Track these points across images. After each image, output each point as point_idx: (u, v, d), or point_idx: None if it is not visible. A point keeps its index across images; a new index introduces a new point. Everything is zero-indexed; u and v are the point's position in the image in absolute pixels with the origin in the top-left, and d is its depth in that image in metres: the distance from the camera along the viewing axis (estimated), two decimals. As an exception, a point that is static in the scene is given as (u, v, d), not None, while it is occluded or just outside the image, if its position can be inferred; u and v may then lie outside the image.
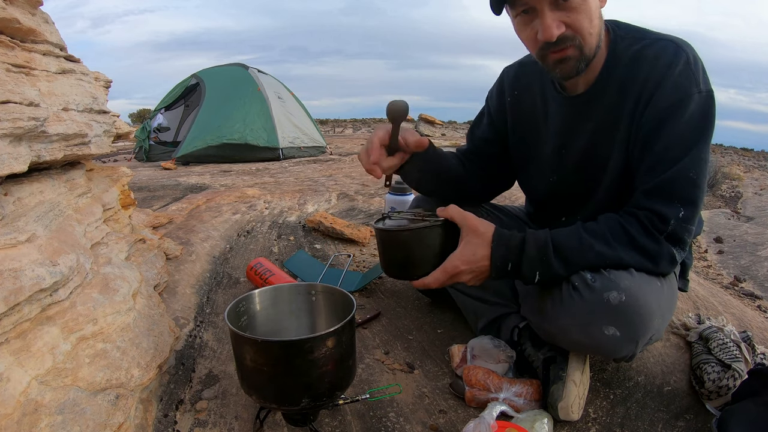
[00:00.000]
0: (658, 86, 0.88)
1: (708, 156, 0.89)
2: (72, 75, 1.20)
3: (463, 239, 0.93)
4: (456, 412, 0.96)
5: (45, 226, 0.91)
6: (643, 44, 0.92)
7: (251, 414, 0.93)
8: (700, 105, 0.87)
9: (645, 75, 0.90)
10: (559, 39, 0.87)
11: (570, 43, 0.88)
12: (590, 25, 0.88)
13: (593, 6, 0.87)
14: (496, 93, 1.20)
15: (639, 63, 0.91)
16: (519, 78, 1.14)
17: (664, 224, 0.86)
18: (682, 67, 0.87)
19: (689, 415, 0.99)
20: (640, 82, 0.90)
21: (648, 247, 0.87)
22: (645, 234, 0.87)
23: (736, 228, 2.93)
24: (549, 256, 0.89)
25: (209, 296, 1.48)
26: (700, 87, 0.87)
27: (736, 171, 7.33)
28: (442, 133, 9.71)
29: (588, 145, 1.01)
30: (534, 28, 0.88)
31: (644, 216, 0.87)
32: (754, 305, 1.67)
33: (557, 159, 1.07)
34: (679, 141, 0.87)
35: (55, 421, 0.68)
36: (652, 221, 0.87)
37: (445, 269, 0.93)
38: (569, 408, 0.90)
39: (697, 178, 0.87)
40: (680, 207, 0.86)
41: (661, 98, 0.88)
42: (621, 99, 0.94)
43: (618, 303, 0.84)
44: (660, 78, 0.88)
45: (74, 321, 0.82)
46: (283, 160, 5.16)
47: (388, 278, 1.64)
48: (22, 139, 0.87)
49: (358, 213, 2.66)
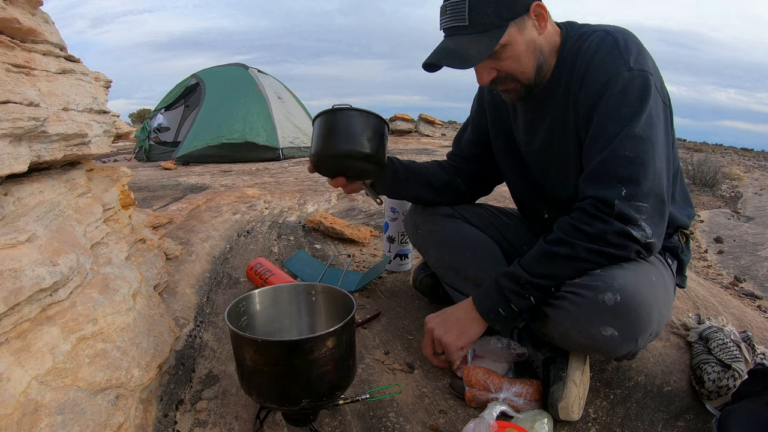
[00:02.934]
0: (586, 72, 0.93)
1: (649, 132, 0.87)
2: (72, 75, 1.20)
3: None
4: (456, 412, 0.96)
5: (45, 226, 0.91)
6: (582, 40, 0.97)
7: (251, 414, 0.93)
8: (631, 82, 0.88)
9: (578, 66, 0.96)
10: (494, 80, 0.98)
11: (506, 81, 0.99)
12: (519, 65, 0.96)
13: (522, 47, 0.94)
14: (477, 96, 1.27)
15: (576, 57, 0.96)
16: None
17: (608, 207, 0.86)
18: (608, 49, 0.91)
19: (689, 415, 0.99)
20: (576, 74, 0.96)
21: (601, 230, 0.86)
22: (595, 220, 0.87)
23: (736, 228, 2.93)
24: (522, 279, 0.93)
25: (209, 296, 1.48)
26: (629, 65, 0.88)
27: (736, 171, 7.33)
28: (442, 133, 9.71)
29: (546, 142, 1.06)
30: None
31: (588, 204, 0.88)
32: (754, 305, 1.67)
33: (526, 157, 1.14)
34: (609, 120, 0.89)
35: (55, 421, 0.68)
36: (597, 207, 0.87)
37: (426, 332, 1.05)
38: (569, 408, 0.90)
39: (634, 155, 0.85)
40: (620, 186, 0.86)
41: (590, 83, 0.92)
42: (566, 93, 0.99)
43: (614, 304, 0.84)
44: (588, 64, 0.93)
45: (74, 321, 0.82)
46: (283, 160, 5.16)
47: (388, 278, 1.64)
48: (22, 139, 0.87)
49: (358, 213, 2.66)
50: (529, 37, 0.94)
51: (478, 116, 1.25)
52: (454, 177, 1.29)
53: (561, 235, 0.90)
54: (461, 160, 1.31)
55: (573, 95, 0.97)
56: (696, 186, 5.54)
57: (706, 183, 5.61)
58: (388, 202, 1.63)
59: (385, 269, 1.66)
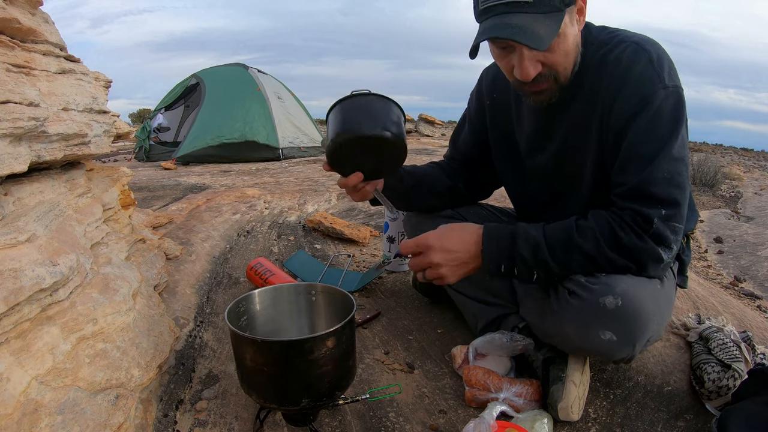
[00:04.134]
0: (620, 88, 0.88)
1: (683, 152, 0.87)
2: (72, 75, 1.20)
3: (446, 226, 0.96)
4: (456, 412, 0.96)
5: (45, 226, 0.91)
6: (609, 48, 0.92)
7: (251, 414, 0.93)
8: (667, 101, 0.86)
9: (608, 80, 0.90)
10: (535, 77, 0.87)
11: (545, 79, 0.89)
12: (566, 60, 0.89)
13: (570, 41, 0.87)
14: (476, 96, 1.21)
15: (603, 68, 0.91)
16: (496, 82, 1.14)
17: (647, 224, 0.85)
18: (644, 65, 0.87)
19: (689, 415, 0.99)
20: (605, 88, 0.91)
21: (635, 245, 0.85)
22: (632, 233, 0.85)
23: (736, 228, 2.93)
24: (542, 254, 0.88)
25: (209, 296, 1.48)
26: (665, 83, 0.86)
27: (736, 171, 7.33)
28: (442, 133, 9.70)
29: (560, 152, 1.01)
30: (511, 62, 0.89)
31: (628, 216, 0.86)
32: (754, 305, 1.67)
33: (533, 165, 1.08)
34: (648, 140, 0.86)
35: (55, 421, 0.68)
36: (636, 221, 0.85)
37: (417, 240, 0.95)
38: (569, 408, 0.90)
39: (672, 177, 0.85)
40: (660, 207, 0.85)
41: (625, 99, 0.88)
42: (589, 105, 0.94)
43: (614, 308, 0.83)
44: (621, 80, 0.88)
45: (74, 321, 0.82)
46: (283, 160, 5.16)
47: (388, 278, 1.64)
48: (22, 139, 0.87)
49: (358, 213, 2.66)
50: (575, 31, 0.88)
51: (477, 117, 1.20)
52: (455, 182, 1.25)
53: (595, 233, 0.87)
54: (460, 164, 1.27)
55: (602, 109, 0.91)
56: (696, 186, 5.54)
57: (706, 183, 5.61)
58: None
59: (385, 269, 1.66)
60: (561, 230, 0.89)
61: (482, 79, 1.19)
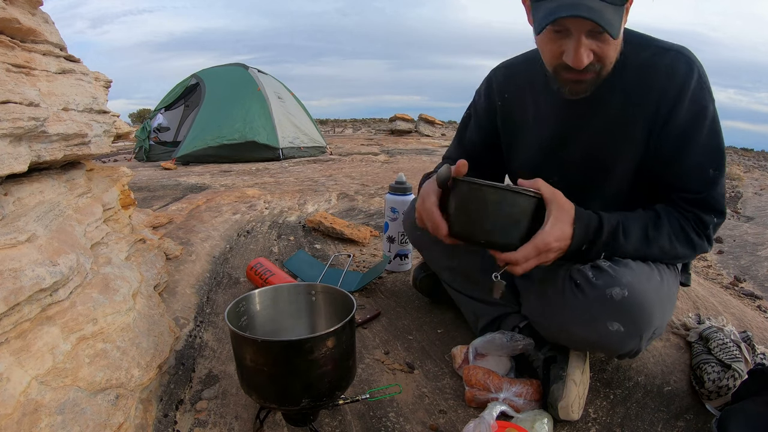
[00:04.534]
0: (677, 101, 0.92)
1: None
2: (72, 75, 1.20)
3: (551, 216, 0.90)
4: (456, 412, 0.96)
5: (45, 226, 0.91)
6: (652, 53, 0.93)
7: (251, 414, 0.93)
8: (716, 116, 0.93)
9: (661, 87, 0.92)
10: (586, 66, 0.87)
11: (591, 70, 0.89)
12: (614, 53, 0.90)
13: (621, 37, 0.88)
14: (485, 95, 1.19)
15: (650, 72, 0.93)
16: (508, 81, 1.14)
17: (706, 229, 0.96)
18: (697, 81, 0.91)
19: (689, 415, 0.99)
20: (656, 94, 0.93)
21: (698, 244, 0.97)
22: (696, 234, 0.96)
23: (736, 228, 2.93)
24: (619, 243, 0.93)
25: (209, 296, 1.48)
26: (713, 98, 0.93)
27: (736, 171, 7.33)
28: (442, 133, 9.70)
29: (590, 146, 1.02)
30: (561, 47, 0.88)
31: (692, 218, 0.96)
32: (754, 305, 1.67)
33: (556, 160, 1.07)
34: (710, 156, 0.93)
35: (55, 421, 0.68)
36: (698, 224, 0.96)
37: (537, 246, 0.87)
38: (569, 408, 0.90)
39: (723, 192, 0.96)
40: (713, 216, 0.96)
41: (682, 113, 0.92)
42: (629, 105, 0.95)
43: (621, 298, 0.86)
44: (678, 93, 0.91)
45: (74, 321, 0.82)
46: (283, 160, 5.16)
47: (388, 278, 1.64)
48: (22, 139, 0.87)
49: (358, 213, 2.66)
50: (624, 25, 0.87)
51: (486, 116, 1.18)
52: None
53: (669, 230, 0.95)
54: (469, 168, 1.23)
55: (653, 116, 0.93)
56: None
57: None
58: (388, 202, 1.63)
59: (385, 269, 1.66)
60: (637, 223, 0.95)
61: (492, 79, 1.18)
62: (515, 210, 0.88)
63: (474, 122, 1.22)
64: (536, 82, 1.06)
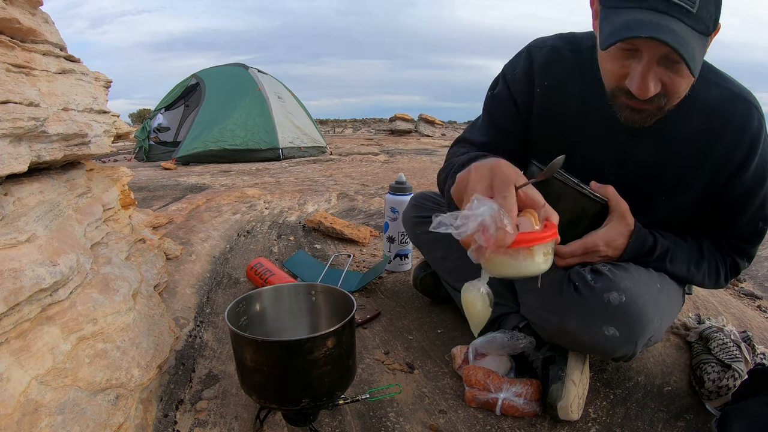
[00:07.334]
0: (748, 158, 0.89)
1: None
2: (72, 75, 1.20)
3: (609, 221, 0.92)
4: (456, 412, 0.96)
5: (45, 226, 0.91)
6: (721, 95, 0.88)
7: (251, 414, 0.93)
8: None
9: (733, 138, 0.88)
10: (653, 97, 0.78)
11: (655, 102, 0.80)
12: (687, 89, 0.81)
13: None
14: (524, 76, 1.02)
15: (725, 121, 0.88)
16: (551, 67, 0.99)
17: (737, 272, 1.03)
18: (765, 138, 0.91)
19: (689, 415, 0.99)
20: (727, 145, 0.89)
21: (721, 284, 1.03)
22: (725, 277, 1.02)
23: (736, 228, 2.93)
24: (663, 267, 0.97)
25: (209, 296, 1.48)
26: None
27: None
28: (442, 133, 9.71)
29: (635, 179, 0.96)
30: (626, 67, 0.79)
31: (730, 263, 1.02)
32: (754, 305, 1.67)
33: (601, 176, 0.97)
34: (760, 211, 0.96)
35: (55, 421, 0.68)
36: (732, 269, 1.02)
37: (585, 245, 0.90)
38: (568, 408, 0.90)
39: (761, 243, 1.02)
40: (746, 262, 1.03)
41: (751, 171, 0.91)
42: (700, 145, 0.90)
43: (618, 303, 0.86)
44: (750, 149, 0.89)
45: (74, 321, 0.82)
46: (283, 160, 5.16)
47: (388, 278, 1.64)
48: (22, 139, 0.87)
49: (358, 213, 2.66)
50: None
51: (522, 96, 1.02)
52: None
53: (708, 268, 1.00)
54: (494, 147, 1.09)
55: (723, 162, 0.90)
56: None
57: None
58: (388, 202, 1.63)
59: (385, 269, 1.66)
60: (684, 256, 0.99)
61: (533, 58, 1.01)
62: (577, 209, 0.90)
63: (508, 106, 1.05)
64: (586, 85, 0.94)
